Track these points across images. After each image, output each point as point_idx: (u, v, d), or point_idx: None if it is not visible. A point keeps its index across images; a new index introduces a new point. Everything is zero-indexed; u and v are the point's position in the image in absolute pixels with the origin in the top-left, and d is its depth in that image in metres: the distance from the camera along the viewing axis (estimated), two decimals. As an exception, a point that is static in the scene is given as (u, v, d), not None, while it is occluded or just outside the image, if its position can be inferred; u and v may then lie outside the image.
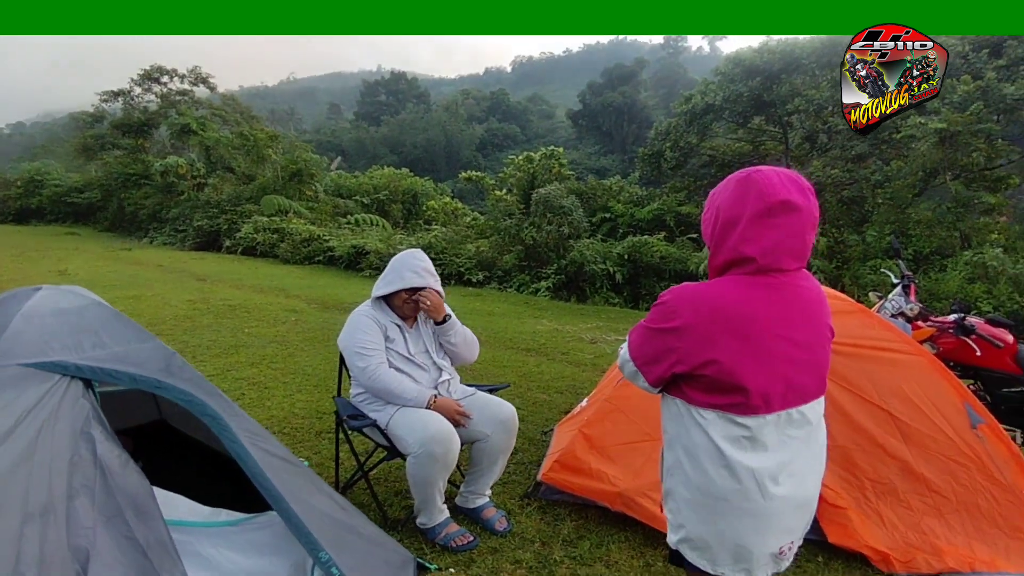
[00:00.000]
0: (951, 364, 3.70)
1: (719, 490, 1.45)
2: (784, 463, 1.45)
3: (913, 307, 3.83)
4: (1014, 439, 3.62)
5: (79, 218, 24.91)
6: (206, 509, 2.35)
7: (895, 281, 4.14)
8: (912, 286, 4.03)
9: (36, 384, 1.81)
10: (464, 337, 2.96)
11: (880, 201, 11.46)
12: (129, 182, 22.30)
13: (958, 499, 2.63)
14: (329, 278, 12.24)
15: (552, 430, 3.69)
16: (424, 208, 20.32)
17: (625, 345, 1.63)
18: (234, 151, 20.25)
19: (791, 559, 1.56)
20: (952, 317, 3.70)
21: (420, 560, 2.44)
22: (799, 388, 1.47)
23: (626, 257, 11.09)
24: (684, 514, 1.53)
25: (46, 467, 1.69)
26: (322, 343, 6.29)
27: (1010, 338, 3.62)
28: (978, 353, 3.59)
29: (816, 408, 1.52)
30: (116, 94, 24.92)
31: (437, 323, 2.90)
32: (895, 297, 3.94)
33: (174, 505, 2.22)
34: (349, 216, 18.10)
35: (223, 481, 2.67)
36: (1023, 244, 9.87)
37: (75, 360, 1.93)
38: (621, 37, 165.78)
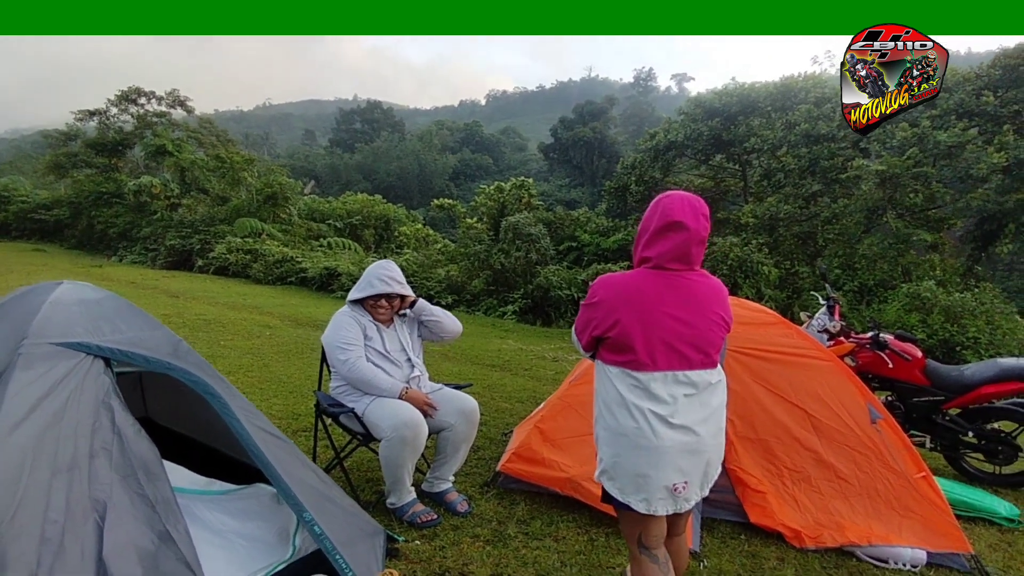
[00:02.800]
0: (869, 376, 4.16)
1: (623, 428, 1.88)
2: (673, 413, 1.86)
3: (836, 324, 4.30)
4: (923, 444, 4.09)
5: (45, 235, 24.51)
6: (202, 479, 2.64)
7: (822, 302, 4.61)
8: (836, 306, 4.51)
9: (64, 360, 2.11)
10: (444, 312, 3.38)
11: (831, 236, 12.16)
12: (100, 200, 22.16)
13: (860, 484, 3.05)
14: (301, 298, 12.45)
15: (511, 432, 4.03)
16: (396, 233, 20.71)
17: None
18: (209, 173, 20.39)
19: (691, 503, 1.95)
20: (869, 334, 4.17)
21: (389, 533, 2.74)
22: (682, 355, 1.88)
23: (590, 284, 11.48)
24: (603, 450, 1.96)
25: (72, 430, 1.99)
26: (296, 355, 6.54)
27: (918, 352, 4.09)
28: (890, 366, 4.05)
29: (703, 376, 1.91)
30: (91, 113, 24.82)
31: (411, 306, 3.31)
32: (821, 316, 4.40)
33: (174, 474, 2.50)
34: (322, 239, 18.37)
35: (207, 468, 2.95)
36: (956, 278, 10.60)
37: (96, 341, 2.23)
38: (593, 75, 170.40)
